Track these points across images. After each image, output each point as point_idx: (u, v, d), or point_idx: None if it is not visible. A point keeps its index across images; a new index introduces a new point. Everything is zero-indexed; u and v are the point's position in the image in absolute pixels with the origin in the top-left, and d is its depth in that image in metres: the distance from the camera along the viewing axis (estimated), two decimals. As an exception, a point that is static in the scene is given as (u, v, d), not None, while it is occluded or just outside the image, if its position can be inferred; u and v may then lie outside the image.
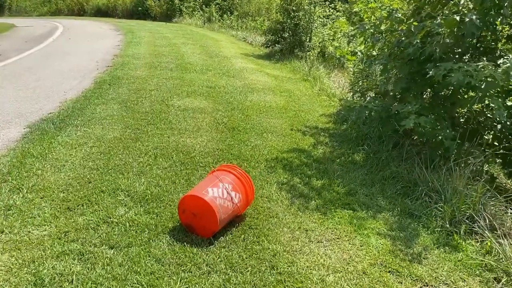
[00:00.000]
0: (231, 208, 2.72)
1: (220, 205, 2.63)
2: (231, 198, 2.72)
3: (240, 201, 2.79)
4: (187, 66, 8.20)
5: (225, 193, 2.71)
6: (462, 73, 3.25)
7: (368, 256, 2.66)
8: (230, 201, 2.71)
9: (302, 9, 10.14)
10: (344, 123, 5.36)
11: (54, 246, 2.45)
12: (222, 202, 2.66)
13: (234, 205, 2.73)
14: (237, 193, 2.78)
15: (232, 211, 2.74)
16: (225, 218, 2.68)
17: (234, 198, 2.73)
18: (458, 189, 3.32)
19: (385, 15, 4.15)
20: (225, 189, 2.73)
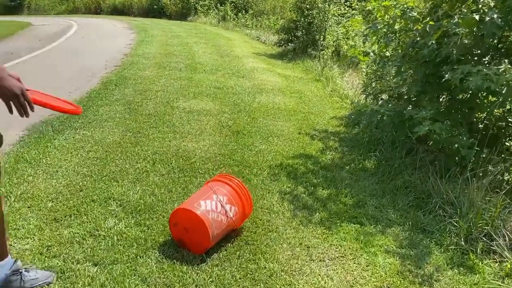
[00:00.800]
0: (225, 223, 2.52)
1: (213, 220, 2.44)
2: (225, 211, 2.52)
3: (236, 214, 2.59)
4: (196, 66, 8.03)
5: (219, 206, 2.51)
6: (481, 77, 2.99)
7: (374, 277, 2.43)
8: (224, 215, 2.51)
9: (316, 7, 9.89)
10: (356, 127, 5.11)
11: (34, 262, 2.29)
12: (216, 216, 2.47)
13: (229, 219, 2.53)
14: (232, 206, 2.58)
15: (227, 226, 2.54)
16: (218, 234, 2.48)
17: (228, 212, 2.53)
18: (475, 202, 3.06)
19: (398, 14, 3.90)
20: (219, 202, 2.53)
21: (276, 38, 12.16)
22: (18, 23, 16.27)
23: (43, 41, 11.16)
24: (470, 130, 3.73)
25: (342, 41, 9.76)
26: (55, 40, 11.49)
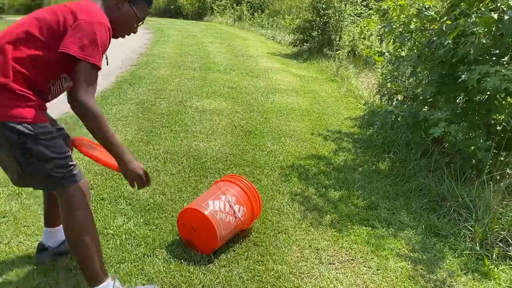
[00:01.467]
0: (234, 223, 2.49)
1: (221, 220, 2.41)
2: (233, 212, 2.49)
3: (245, 215, 2.56)
4: (211, 65, 8.03)
5: (227, 206, 2.48)
6: (499, 78, 2.90)
7: (385, 282, 2.38)
8: (232, 216, 2.48)
9: (332, 6, 9.81)
10: (370, 128, 5.04)
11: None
12: (224, 217, 2.44)
13: (237, 220, 2.50)
14: (241, 207, 2.55)
15: (235, 227, 2.51)
16: (226, 234, 2.45)
17: (237, 213, 2.50)
18: (492, 206, 2.97)
19: (414, 13, 3.82)
20: (228, 202, 2.50)
21: (291, 38, 12.10)
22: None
23: (61, 41, 11.29)
24: (487, 132, 3.64)
25: (358, 41, 9.66)
26: (73, 39, 11.61)
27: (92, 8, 1.80)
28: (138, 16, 1.98)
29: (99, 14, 1.79)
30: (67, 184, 1.80)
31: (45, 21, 1.73)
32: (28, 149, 1.66)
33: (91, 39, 1.70)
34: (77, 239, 1.85)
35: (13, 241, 2.45)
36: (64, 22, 1.72)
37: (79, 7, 1.77)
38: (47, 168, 1.73)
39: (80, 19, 1.71)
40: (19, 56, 1.67)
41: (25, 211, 2.75)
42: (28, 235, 2.51)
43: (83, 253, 1.86)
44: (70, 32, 1.70)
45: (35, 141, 1.66)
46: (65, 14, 1.73)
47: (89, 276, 1.90)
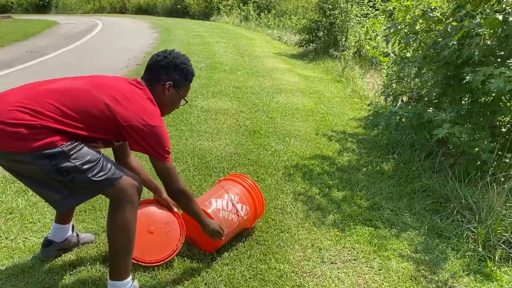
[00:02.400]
0: (236, 222, 2.51)
1: (223, 218, 2.43)
2: (236, 210, 2.51)
3: (247, 214, 2.58)
4: (216, 65, 8.06)
5: (230, 205, 2.51)
6: (504, 79, 2.90)
7: (386, 282, 2.39)
8: (235, 214, 2.50)
9: (338, 7, 9.81)
10: (374, 128, 5.04)
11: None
12: (226, 215, 2.46)
13: (239, 218, 2.52)
14: (244, 205, 2.57)
15: (238, 225, 2.53)
16: (229, 232, 2.47)
17: (240, 211, 2.52)
18: (495, 207, 2.97)
19: (419, 13, 3.82)
20: (230, 201, 2.52)
21: (297, 38, 12.11)
22: (46, 22, 16.67)
23: (68, 40, 11.40)
24: (492, 134, 3.63)
25: (364, 41, 9.65)
26: (80, 38, 11.72)
27: (147, 104, 1.91)
28: (182, 96, 2.13)
29: (156, 112, 1.93)
30: (114, 182, 1.86)
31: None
32: (63, 168, 1.72)
33: (163, 144, 1.88)
34: (116, 235, 1.91)
35: (19, 237, 2.48)
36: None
37: (142, 109, 1.86)
38: (89, 176, 1.78)
39: (146, 125, 1.83)
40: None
41: (31, 208, 2.79)
42: (34, 232, 2.55)
43: (121, 248, 1.93)
44: (139, 136, 1.83)
45: (65, 158, 1.71)
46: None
47: (117, 269, 1.96)
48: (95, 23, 16.38)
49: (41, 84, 1.83)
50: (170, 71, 2.02)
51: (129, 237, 1.93)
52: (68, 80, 1.88)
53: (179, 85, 2.06)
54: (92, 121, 1.77)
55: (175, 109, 2.18)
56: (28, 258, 2.30)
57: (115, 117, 1.79)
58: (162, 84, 2.01)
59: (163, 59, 2.02)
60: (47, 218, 2.68)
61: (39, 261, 2.28)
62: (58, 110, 1.71)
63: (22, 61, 8.00)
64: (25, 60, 8.07)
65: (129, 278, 1.99)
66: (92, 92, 1.80)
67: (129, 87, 1.92)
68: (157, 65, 2.02)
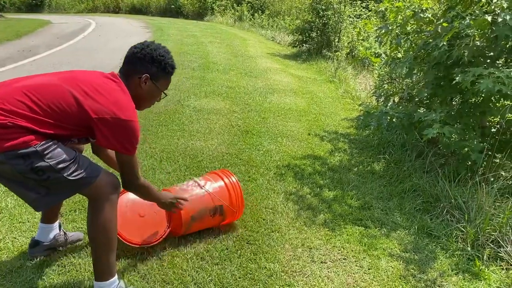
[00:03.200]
0: (200, 193, 2.54)
1: (180, 189, 2.54)
2: (198, 184, 2.57)
3: (217, 190, 2.59)
4: (210, 65, 8.06)
5: (190, 182, 2.61)
6: (493, 80, 2.92)
7: (376, 281, 2.40)
8: (197, 187, 2.56)
9: (331, 8, 9.84)
10: (366, 129, 5.06)
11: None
12: (184, 187, 2.57)
13: (202, 190, 2.56)
14: (208, 182, 2.62)
15: (202, 197, 2.53)
16: (192, 201, 2.46)
17: (200, 183, 2.59)
18: (484, 207, 2.99)
19: (409, 14, 3.84)
20: (191, 179, 2.65)
21: (291, 38, 12.13)
22: (39, 21, 16.57)
23: (61, 39, 11.34)
24: (482, 134, 3.66)
25: (357, 42, 9.69)
26: (73, 38, 11.67)
27: (119, 97, 1.86)
28: (161, 90, 2.08)
29: (129, 106, 1.87)
30: (91, 181, 1.84)
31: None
32: (38, 167, 1.70)
33: (131, 139, 1.84)
34: (97, 235, 1.89)
35: (8, 237, 2.47)
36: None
37: (113, 102, 1.81)
38: (64, 176, 1.76)
39: (117, 119, 1.78)
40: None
41: (20, 208, 2.77)
42: (23, 231, 2.54)
43: (102, 247, 1.91)
44: (108, 130, 1.80)
45: (40, 157, 1.69)
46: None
47: (100, 270, 1.94)
48: (88, 23, 16.31)
49: (12, 82, 1.80)
50: (147, 63, 1.97)
51: (110, 236, 1.91)
52: (40, 77, 1.86)
53: (157, 77, 2.01)
54: (62, 116, 1.74)
55: (154, 102, 2.13)
56: (17, 258, 2.29)
57: (85, 110, 1.75)
58: (139, 76, 1.97)
59: (140, 51, 1.97)
60: (36, 218, 2.66)
61: (28, 261, 2.27)
62: (29, 108, 1.68)
63: (14, 60, 7.96)
64: (17, 60, 8.03)
65: (115, 278, 1.97)
66: (62, 86, 1.77)
67: (101, 79, 1.89)
68: (133, 57, 1.98)
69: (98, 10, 27.51)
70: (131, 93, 1.94)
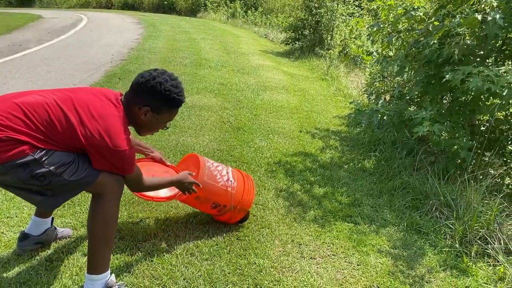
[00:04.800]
0: (219, 183, 2.52)
1: (208, 168, 2.53)
2: (224, 174, 2.59)
3: (233, 189, 2.58)
4: (202, 62, 8.03)
5: (220, 167, 2.62)
6: (482, 78, 2.94)
7: (364, 277, 2.41)
8: (221, 176, 2.56)
9: (324, 6, 9.85)
10: (357, 126, 5.08)
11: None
12: (213, 169, 2.56)
13: (224, 182, 2.55)
14: (232, 179, 2.62)
15: (219, 189, 2.52)
16: (209, 186, 2.46)
17: (226, 176, 2.59)
18: (472, 204, 3.02)
19: (400, 12, 3.86)
20: (224, 167, 2.65)
21: (283, 36, 12.13)
22: (30, 16, 16.41)
23: (52, 34, 11.24)
24: (472, 133, 3.69)
25: (349, 40, 9.72)
26: (64, 33, 11.57)
27: (113, 124, 1.82)
28: (162, 122, 2.04)
29: (120, 134, 1.82)
30: (93, 179, 1.85)
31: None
32: (38, 174, 1.71)
33: (124, 165, 1.87)
34: (95, 229, 1.90)
35: (-5, 232, 2.45)
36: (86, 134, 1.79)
37: (106, 129, 1.79)
38: (66, 178, 1.77)
39: (105, 147, 1.78)
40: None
41: (8, 203, 2.75)
42: (10, 226, 2.51)
43: (100, 241, 1.92)
44: (100, 155, 1.81)
45: (38, 164, 1.70)
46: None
47: (95, 263, 1.94)
48: (80, 18, 16.18)
49: (10, 97, 1.79)
50: (150, 96, 1.93)
51: (108, 230, 1.92)
52: (39, 94, 1.83)
53: (159, 110, 1.96)
54: (57, 137, 1.76)
55: (156, 131, 2.11)
56: (4, 253, 2.27)
57: (77, 135, 1.76)
58: (139, 107, 1.93)
59: (145, 82, 1.92)
60: (24, 213, 2.65)
61: (15, 256, 2.25)
62: (25, 124, 1.70)
63: (4, 54, 7.87)
64: (7, 54, 7.94)
65: (107, 272, 1.98)
66: (60, 108, 1.77)
67: (100, 102, 1.86)
68: (138, 87, 1.94)
69: (90, 6, 27.29)
70: (131, 119, 1.94)
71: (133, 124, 1.97)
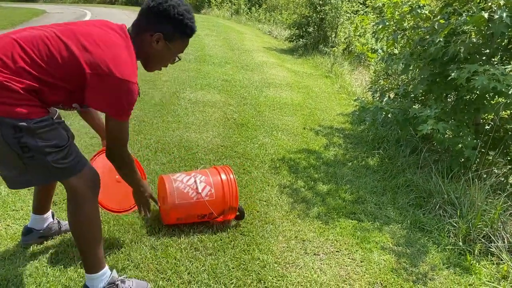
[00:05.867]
0: (194, 198, 2.50)
1: (176, 188, 2.49)
2: (196, 188, 2.53)
3: (211, 196, 2.55)
4: (206, 58, 8.04)
5: (191, 180, 2.55)
6: (487, 77, 2.94)
7: (368, 273, 2.42)
8: (194, 190, 2.52)
9: (328, 3, 9.83)
10: (361, 124, 5.08)
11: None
12: (182, 187, 2.51)
13: (198, 195, 2.52)
14: (208, 186, 2.57)
15: (196, 204, 2.51)
16: (184, 205, 2.47)
17: (199, 188, 2.53)
18: (476, 203, 3.02)
19: (406, 10, 3.85)
20: (194, 177, 2.58)
21: (287, 33, 12.12)
22: (34, 10, 16.46)
23: (56, 29, 11.24)
24: (476, 131, 3.68)
25: (353, 38, 9.70)
26: (68, 28, 11.56)
27: (120, 53, 1.68)
28: (174, 52, 1.87)
29: (128, 64, 1.68)
30: (73, 172, 1.74)
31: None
32: (25, 143, 1.59)
33: (124, 103, 1.68)
34: (81, 231, 1.83)
35: (1, 224, 2.46)
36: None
37: (112, 57, 1.64)
38: (48, 160, 1.65)
39: (111, 76, 1.62)
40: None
41: (14, 196, 2.76)
42: (16, 219, 2.53)
43: (86, 245, 1.85)
44: (100, 88, 1.65)
45: (31, 135, 1.59)
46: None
47: (89, 263, 1.90)
48: (84, 13, 16.20)
49: (8, 34, 1.64)
50: (163, 19, 1.75)
51: (94, 230, 1.84)
52: (36, 29, 1.68)
53: (171, 38, 1.79)
54: (58, 72, 1.61)
55: (166, 64, 1.93)
56: (10, 246, 2.29)
57: (80, 63, 1.60)
58: (150, 34, 1.77)
59: (158, 5, 1.73)
60: (30, 206, 2.64)
61: (21, 249, 2.26)
62: (24, 61, 1.56)
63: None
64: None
65: (105, 269, 1.93)
66: (60, 39, 1.62)
67: (105, 31, 1.71)
68: (148, 11, 1.77)
69: (94, 1, 27.33)
70: (140, 50, 1.78)
71: (142, 56, 1.81)
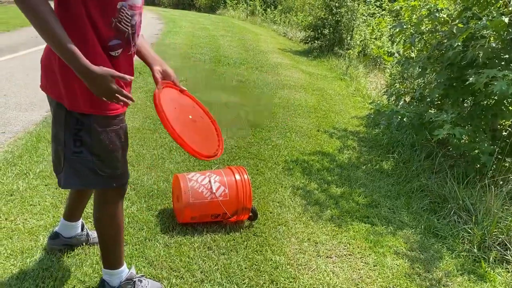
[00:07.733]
0: (208, 198, 2.53)
1: (191, 187, 2.52)
2: (210, 187, 2.56)
3: (225, 196, 2.57)
4: (221, 58, 8.07)
5: (205, 180, 2.58)
6: (507, 82, 2.90)
7: (381, 278, 2.41)
8: (208, 190, 2.55)
9: (344, 5, 9.80)
10: (376, 127, 5.06)
11: (46, 238, 2.35)
12: (197, 186, 2.54)
13: (212, 195, 2.54)
14: (222, 186, 2.60)
15: (210, 203, 2.54)
16: (198, 205, 2.50)
17: (213, 188, 2.56)
18: (492, 210, 2.98)
19: (424, 13, 3.82)
20: (208, 177, 2.61)
21: (302, 35, 12.10)
22: (52, 9, 16.61)
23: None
24: (493, 137, 3.64)
25: (369, 41, 9.65)
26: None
27: None
28: None
29: None
30: (107, 186, 1.76)
31: None
32: (81, 138, 1.60)
33: None
34: (104, 229, 1.88)
35: (19, 219, 2.50)
36: None
37: None
38: (93, 163, 1.66)
39: None
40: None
41: (31, 191, 2.81)
42: (33, 214, 2.57)
43: (109, 240, 1.90)
44: None
45: (89, 133, 1.60)
46: None
47: (108, 260, 1.94)
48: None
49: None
50: None
51: (116, 229, 1.89)
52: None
53: None
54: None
55: None
56: (27, 239, 2.32)
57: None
58: None
59: None
60: (47, 202, 2.70)
61: (38, 243, 2.30)
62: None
63: (28, 46, 8.00)
64: (31, 46, 8.06)
65: (123, 267, 1.97)
66: None
67: None
68: None
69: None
70: None
71: None
